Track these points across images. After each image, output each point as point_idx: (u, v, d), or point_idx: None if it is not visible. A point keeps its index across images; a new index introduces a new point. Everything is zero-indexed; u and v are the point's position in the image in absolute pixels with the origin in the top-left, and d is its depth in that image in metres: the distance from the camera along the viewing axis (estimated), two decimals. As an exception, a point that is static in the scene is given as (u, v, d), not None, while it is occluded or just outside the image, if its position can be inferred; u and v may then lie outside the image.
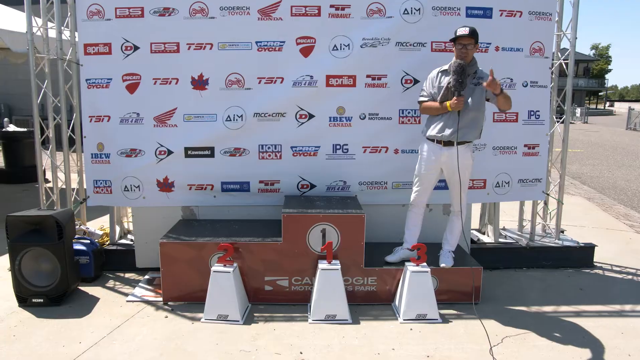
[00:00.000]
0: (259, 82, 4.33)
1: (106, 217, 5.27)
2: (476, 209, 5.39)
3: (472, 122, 3.81)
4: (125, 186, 4.50)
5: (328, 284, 3.77)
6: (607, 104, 67.96)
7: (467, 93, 3.74)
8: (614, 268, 4.94)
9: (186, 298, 4.00)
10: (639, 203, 8.35)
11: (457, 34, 3.68)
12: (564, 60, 4.84)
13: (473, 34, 3.67)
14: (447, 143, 3.82)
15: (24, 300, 3.91)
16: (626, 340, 3.50)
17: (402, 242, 4.16)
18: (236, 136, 4.40)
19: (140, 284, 4.37)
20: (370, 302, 4.02)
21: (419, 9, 4.27)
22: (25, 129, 9.36)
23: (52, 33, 4.63)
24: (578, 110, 36.80)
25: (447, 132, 3.78)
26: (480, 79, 3.74)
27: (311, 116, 4.40)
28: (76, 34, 4.57)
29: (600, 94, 62.28)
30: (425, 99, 3.92)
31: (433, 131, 3.85)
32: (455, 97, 3.67)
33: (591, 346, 3.41)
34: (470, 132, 3.83)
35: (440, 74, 3.86)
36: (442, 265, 3.98)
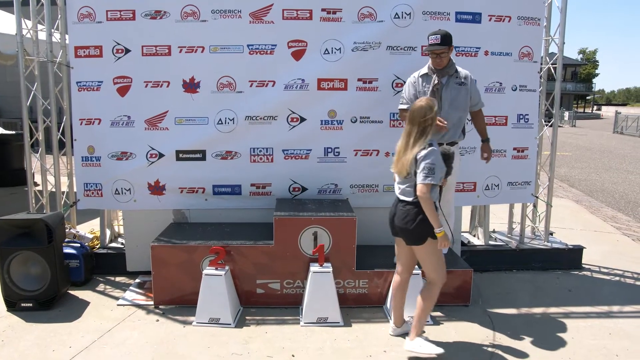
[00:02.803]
0: (251, 86, 4.34)
1: (96, 221, 5.23)
2: (466, 211, 5.43)
3: (459, 122, 3.89)
4: (116, 189, 4.48)
5: (320, 286, 3.77)
6: (595, 107, 68.78)
7: (452, 93, 3.80)
8: (602, 270, 5.00)
9: (177, 301, 3.98)
10: (625, 205, 8.46)
11: (430, 43, 3.72)
12: (552, 64, 4.90)
13: (445, 41, 3.70)
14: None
15: (12, 304, 3.87)
16: (614, 341, 3.54)
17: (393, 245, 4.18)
18: (228, 139, 4.40)
19: (131, 287, 4.34)
20: (362, 304, 4.03)
21: (410, 14, 4.31)
22: (14, 132, 9.28)
23: (42, 35, 4.61)
24: (566, 113, 37.21)
25: (437, 134, 3.80)
26: (464, 79, 3.81)
27: (303, 119, 4.41)
28: (66, 36, 4.55)
29: (587, 97, 62.97)
30: (405, 106, 3.93)
31: None
32: (438, 119, 3.68)
33: (579, 347, 3.45)
34: (457, 132, 3.91)
35: (420, 78, 3.89)
36: None
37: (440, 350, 3.16)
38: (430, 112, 3.08)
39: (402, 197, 3.21)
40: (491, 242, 5.20)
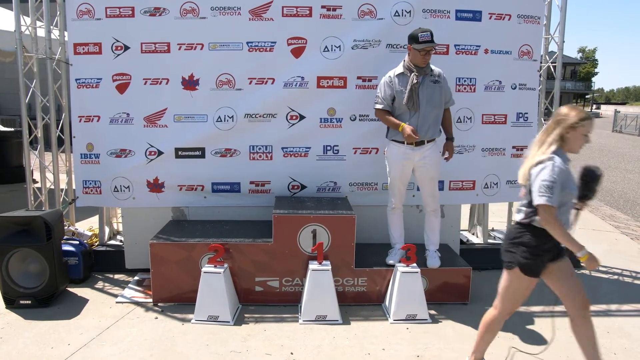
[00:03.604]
0: (250, 83, 4.33)
1: (95, 218, 5.22)
2: (465, 210, 5.43)
3: (436, 119, 3.89)
4: (115, 187, 4.47)
5: (319, 284, 3.78)
6: (594, 106, 68.76)
7: (428, 92, 3.78)
8: (600, 268, 5.00)
9: (176, 299, 3.98)
10: (624, 204, 8.47)
11: (423, 40, 3.64)
12: (551, 63, 4.90)
13: (433, 38, 3.68)
14: (418, 143, 3.85)
15: (11, 301, 3.87)
16: (611, 339, 3.55)
17: (390, 243, 4.19)
18: (227, 137, 4.39)
19: (129, 285, 4.34)
20: (360, 302, 4.03)
21: (410, 11, 4.30)
22: (13, 129, 9.26)
23: (41, 32, 4.59)
24: (565, 112, 37.09)
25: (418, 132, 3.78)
26: (438, 77, 3.83)
27: (302, 117, 4.41)
28: (65, 33, 4.54)
29: (587, 96, 63.02)
30: (380, 106, 3.91)
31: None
32: (410, 128, 3.69)
33: (578, 345, 3.45)
34: (436, 130, 3.91)
35: (397, 78, 3.83)
36: (430, 266, 4.01)
37: None
38: (566, 119, 2.72)
39: (516, 215, 2.79)
40: (490, 241, 5.21)
